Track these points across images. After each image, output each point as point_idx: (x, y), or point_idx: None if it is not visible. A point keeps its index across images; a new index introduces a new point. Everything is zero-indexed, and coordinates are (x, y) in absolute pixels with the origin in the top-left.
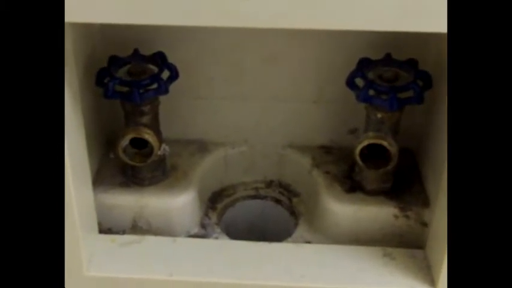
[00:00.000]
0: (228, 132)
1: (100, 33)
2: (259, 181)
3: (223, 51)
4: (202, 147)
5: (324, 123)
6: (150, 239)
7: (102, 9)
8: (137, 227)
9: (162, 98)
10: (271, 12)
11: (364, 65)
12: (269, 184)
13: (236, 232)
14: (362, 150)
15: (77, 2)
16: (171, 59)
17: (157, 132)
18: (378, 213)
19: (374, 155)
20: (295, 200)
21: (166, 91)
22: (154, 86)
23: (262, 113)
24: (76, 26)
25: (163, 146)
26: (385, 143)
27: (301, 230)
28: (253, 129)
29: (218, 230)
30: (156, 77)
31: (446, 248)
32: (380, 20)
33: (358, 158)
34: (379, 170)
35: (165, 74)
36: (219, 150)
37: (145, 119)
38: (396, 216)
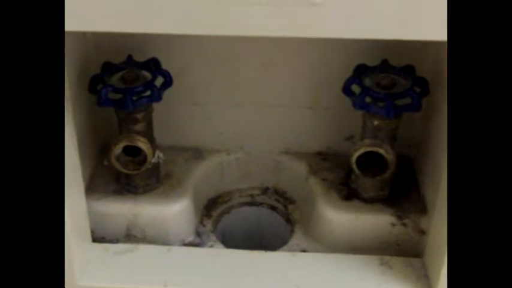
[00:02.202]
0: (224, 139)
1: (94, 40)
2: (255, 188)
3: (219, 57)
4: (197, 154)
5: (320, 130)
6: (144, 248)
7: (96, 18)
8: (131, 236)
9: (157, 105)
10: (264, 21)
11: (360, 71)
12: (265, 191)
13: (232, 239)
14: (359, 157)
15: (70, 11)
16: (166, 65)
17: (151, 140)
18: (374, 221)
19: (371, 162)
20: (291, 207)
21: (159, 98)
22: (148, 93)
23: (258, 119)
24: (69, 32)
25: (157, 153)
26: (381, 151)
27: (296, 238)
28: (249, 136)
29: (213, 237)
30: (149, 84)
31: (445, 257)
32: (378, 28)
33: (354, 166)
34: (376, 178)
35: (159, 81)
36: (215, 157)
37: (138, 127)
38: (393, 224)
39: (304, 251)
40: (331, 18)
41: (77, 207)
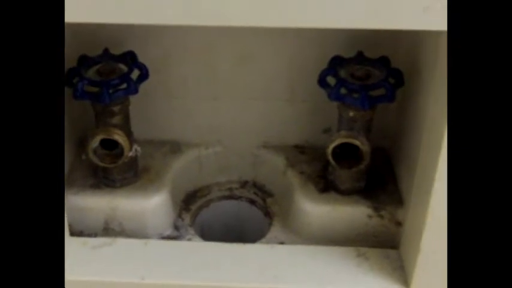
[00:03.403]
0: (202, 132)
1: (70, 33)
2: (234, 181)
3: (196, 50)
4: (175, 147)
5: (298, 123)
6: (122, 242)
7: (72, 9)
8: (109, 229)
9: (135, 98)
10: (241, 11)
11: (336, 63)
12: (243, 184)
13: (211, 233)
14: (335, 149)
15: None
16: (143, 58)
17: (128, 133)
18: (351, 213)
19: (347, 154)
20: (269, 200)
21: (135, 91)
22: (124, 86)
23: (236, 112)
24: None
25: (135, 146)
26: (357, 142)
27: (275, 231)
28: (227, 130)
29: (191, 231)
30: (125, 77)
31: (420, 248)
32: (352, 17)
33: (330, 158)
34: (352, 169)
35: (135, 74)
36: (193, 151)
37: (115, 120)
38: (370, 216)
39: (282, 243)
40: (305, 8)
41: None
